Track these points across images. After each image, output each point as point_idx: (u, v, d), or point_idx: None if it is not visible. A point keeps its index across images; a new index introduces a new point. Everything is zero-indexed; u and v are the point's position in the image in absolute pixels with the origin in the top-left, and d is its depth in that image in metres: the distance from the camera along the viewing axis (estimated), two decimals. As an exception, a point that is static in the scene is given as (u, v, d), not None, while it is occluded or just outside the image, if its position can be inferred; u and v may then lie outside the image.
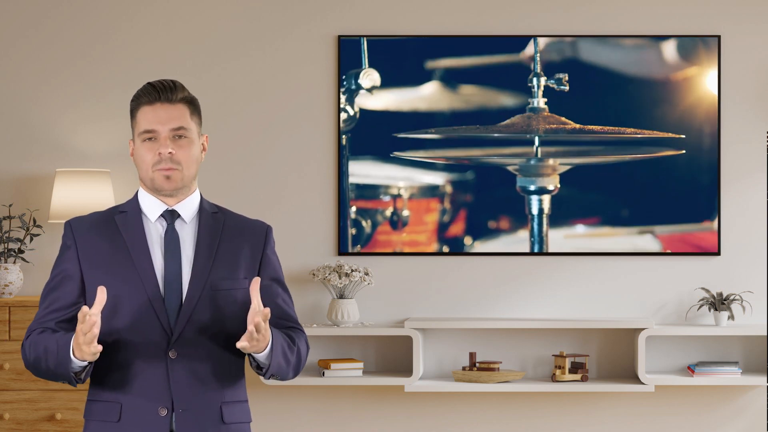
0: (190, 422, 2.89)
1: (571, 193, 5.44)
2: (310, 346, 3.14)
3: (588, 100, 5.43)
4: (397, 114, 5.47)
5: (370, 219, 5.47)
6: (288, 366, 2.95)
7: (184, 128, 2.93)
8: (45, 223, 5.44)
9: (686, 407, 5.43)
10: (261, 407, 5.45)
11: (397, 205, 5.48)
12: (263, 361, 2.89)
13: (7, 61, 5.51)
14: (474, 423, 5.46)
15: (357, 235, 5.47)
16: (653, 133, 5.40)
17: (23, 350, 2.94)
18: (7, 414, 5.10)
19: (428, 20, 5.46)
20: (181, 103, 2.94)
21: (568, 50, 5.42)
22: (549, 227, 5.44)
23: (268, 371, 2.91)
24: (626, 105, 5.42)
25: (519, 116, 5.43)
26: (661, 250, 5.40)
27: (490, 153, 5.45)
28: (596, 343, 5.44)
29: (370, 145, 5.47)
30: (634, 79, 5.41)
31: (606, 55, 5.42)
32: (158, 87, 2.92)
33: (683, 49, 5.37)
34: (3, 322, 5.15)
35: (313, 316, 5.48)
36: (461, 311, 5.48)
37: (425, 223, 5.47)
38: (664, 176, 5.41)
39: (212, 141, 5.37)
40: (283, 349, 2.92)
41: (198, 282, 2.91)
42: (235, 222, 3.03)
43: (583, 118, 5.42)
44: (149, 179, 2.94)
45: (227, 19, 5.50)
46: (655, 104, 5.41)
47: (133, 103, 2.95)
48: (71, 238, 2.96)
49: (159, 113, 2.91)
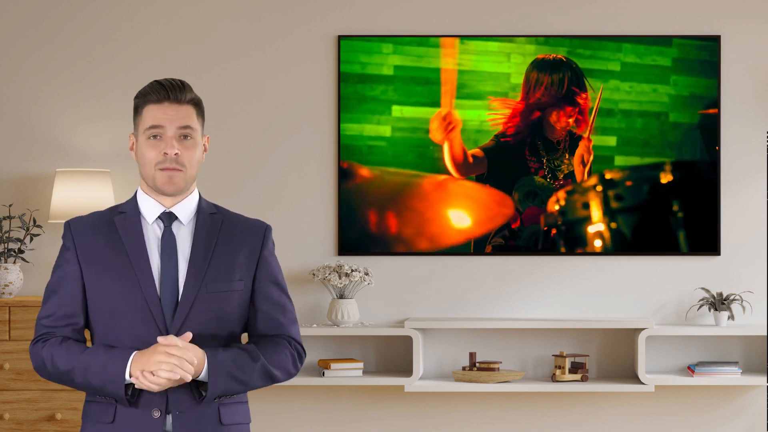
0: (188, 424, 2.89)
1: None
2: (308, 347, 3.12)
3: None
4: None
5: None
6: (243, 386, 2.91)
7: (191, 128, 2.92)
8: (45, 223, 5.45)
9: (686, 407, 5.43)
10: (260, 407, 5.45)
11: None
12: (202, 379, 2.87)
13: (7, 61, 5.51)
14: (474, 423, 5.46)
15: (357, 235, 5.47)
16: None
17: (37, 355, 2.92)
18: (7, 414, 5.11)
19: (428, 20, 5.46)
20: (189, 104, 2.93)
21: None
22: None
23: (209, 394, 2.86)
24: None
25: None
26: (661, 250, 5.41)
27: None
28: (596, 343, 5.44)
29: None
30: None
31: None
32: (167, 86, 2.91)
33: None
34: (3, 322, 5.15)
35: (313, 316, 5.48)
36: (461, 311, 5.48)
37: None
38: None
39: (212, 141, 5.37)
40: (228, 371, 2.87)
41: (193, 283, 2.91)
42: (233, 222, 3.02)
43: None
44: (151, 177, 2.93)
45: (227, 19, 5.50)
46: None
47: (139, 99, 2.93)
48: (70, 239, 2.96)
49: (167, 111, 2.90)
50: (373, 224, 5.46)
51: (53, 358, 2.89)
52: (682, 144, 5.40)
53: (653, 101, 5.41)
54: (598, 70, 5.41)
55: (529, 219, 5.44)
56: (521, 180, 5.44)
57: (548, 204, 5.43)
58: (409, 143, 5.45)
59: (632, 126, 5.41)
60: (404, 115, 5.44)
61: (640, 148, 5.41)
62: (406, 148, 5.45)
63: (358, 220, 5.46)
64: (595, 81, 5.40)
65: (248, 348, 2.93)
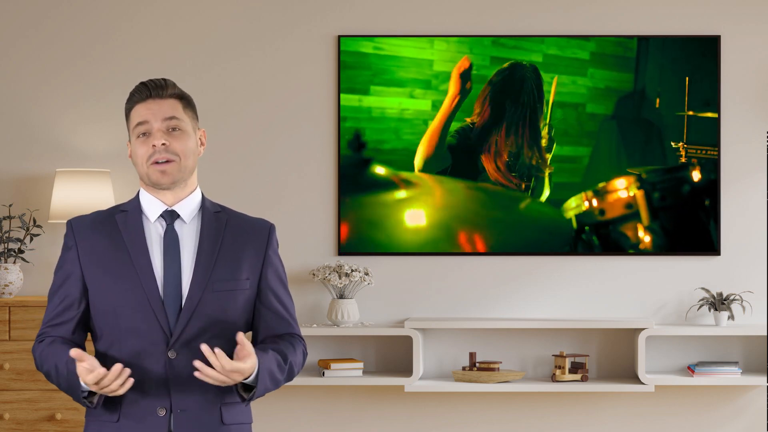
0: (189, 423, 2.89)
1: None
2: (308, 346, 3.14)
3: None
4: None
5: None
6: (276, 385, 2.94)
7: (176, 118, 2.93)
8: (45, 223, 5.44)
9: (686, 407, 5.43)
10: (261, 407, 5.45)
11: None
12: (251, 383, 2.87)
13: (7, 61, 5.51)
14: (474, 423, 5.46)
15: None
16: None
17: (34, 355, 2.96)
18: (7, 414, 5.10)
19: (429, 20, 5.46)
20: (172, 98, 2.95)
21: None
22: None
23: (254, 396, 2.88)
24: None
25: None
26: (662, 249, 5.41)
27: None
28: (596, 343, 5.44)
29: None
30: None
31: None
32: (149, 85, 2.95)
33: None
34: (3, 322, 5.15)
35: (313, 316, 5.48)
36: (461, 311, 5.48)
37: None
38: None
39: (212, 141, 5.37)
40: (271, 373, 2.90)
41: (199, 282, 2.91)
42: (237, 221, 3.02)
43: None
44: (145, 174, 2.94)
45: (227, 19, 5.50)
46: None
47: (128, 104, 2.97)
48: (72, 238, 2.96)
49: (151, 107, 2.92)
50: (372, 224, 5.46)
51: (41, 359, 2.93)
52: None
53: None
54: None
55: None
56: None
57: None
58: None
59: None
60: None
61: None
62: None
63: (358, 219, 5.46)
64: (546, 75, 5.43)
65: (278, 348, 2.95)
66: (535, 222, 5.43)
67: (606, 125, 5.41)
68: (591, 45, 5.40)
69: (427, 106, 5.44)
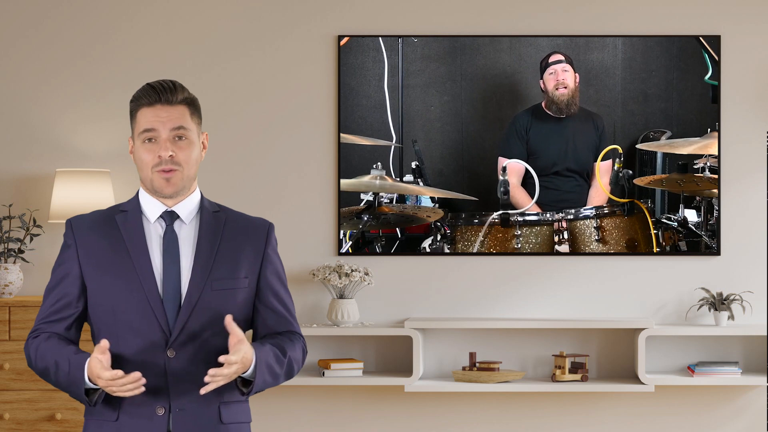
0: (187, 422, 2.89)
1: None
2: (308, 346, 3.14)
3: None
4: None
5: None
6: (276, 380, 2.94)
7: (184, 128, 2.92)
8: (45, 223, 5.45)
9: (686, 407, 5.43)
10: (261, 407, 5.45)
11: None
12: (249, 377, 2.88)
13: (7, 61, 5.51)
14: (474, 423, 5.46)
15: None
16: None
17: (27, 351, 2.95)
18: (7, 414, 5.10)
19: (428, 20, 5.46)
20: (182, 104, 2.93)
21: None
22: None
23: (252, 390, 2.89)
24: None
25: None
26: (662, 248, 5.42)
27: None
28: (596, 343, 5.44)
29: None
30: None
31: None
32: (158, 88, 2.92)
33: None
34: (3, 322, 5.15)
35: (313, 316, 5.48)
36: (461, 311, 5.48)
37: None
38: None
39: (212, 141, 5.37)
40: (269, 365, 2.90)
41: (198, 281, 2.91)
42: (236, 221, 3.02)
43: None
44: (149, 180, 2.94)
45: (227, 19, 5.50)
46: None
47: (133, 104, 2.95)
48: (71, 237, 2.96)
49: (159, 113, 2.90)
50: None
51: (37, 355, 2.92)
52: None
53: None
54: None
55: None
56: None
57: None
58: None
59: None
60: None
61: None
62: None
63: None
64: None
65: (276, 343, 2.96)
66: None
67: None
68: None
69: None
